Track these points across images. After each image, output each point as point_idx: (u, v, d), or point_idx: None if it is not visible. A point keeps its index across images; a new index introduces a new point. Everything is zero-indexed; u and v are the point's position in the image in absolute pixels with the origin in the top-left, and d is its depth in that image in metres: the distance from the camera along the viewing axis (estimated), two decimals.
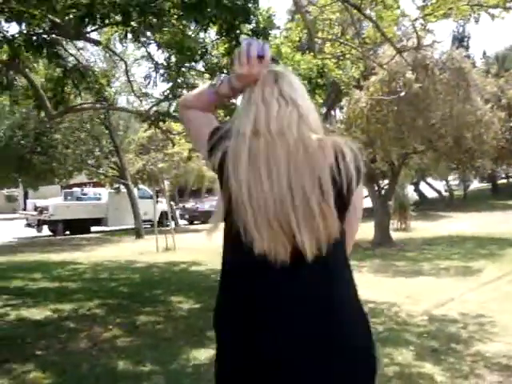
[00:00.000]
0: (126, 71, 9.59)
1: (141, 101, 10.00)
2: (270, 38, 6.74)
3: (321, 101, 7.65)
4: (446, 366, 4.19)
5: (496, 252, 11.36)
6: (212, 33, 6.98)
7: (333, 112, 20.63)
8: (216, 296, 1.50)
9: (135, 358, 4.36)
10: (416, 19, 5.77)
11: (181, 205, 26.65)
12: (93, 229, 20.82)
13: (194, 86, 7.71)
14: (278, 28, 6.61)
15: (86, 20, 5.03)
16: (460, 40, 38.68)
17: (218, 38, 6.84)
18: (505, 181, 34.87)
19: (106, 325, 5.59)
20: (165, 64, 6.96)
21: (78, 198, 21.18)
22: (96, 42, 7.28)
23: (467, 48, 39.27)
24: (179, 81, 7.20)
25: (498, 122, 12.68)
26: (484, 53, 40.94)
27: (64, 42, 8.31)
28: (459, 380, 3.87)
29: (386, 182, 15.29)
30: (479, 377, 3.94)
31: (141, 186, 21.07)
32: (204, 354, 4.47)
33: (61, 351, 4.66)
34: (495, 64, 31.35)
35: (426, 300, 6.74)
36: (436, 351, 4.60)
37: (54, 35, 6.27)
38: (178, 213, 23.71)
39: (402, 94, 9.82)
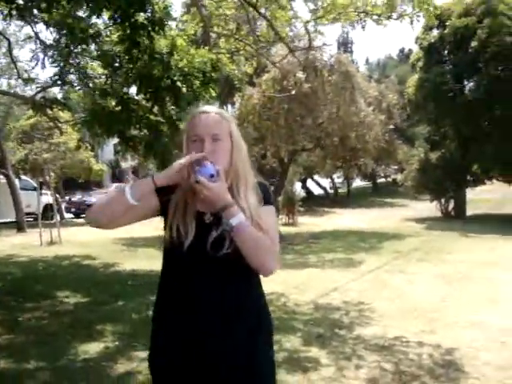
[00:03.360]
0: (10, 51, 8.93)
1: (26, 85, 9.39)
2: (165, 29, 6.66)
3: (214, 94, 7.71)
4: (331, 349, 4.46)
5: (375, 245, 12.22)
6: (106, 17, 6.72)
7: (225, 107, 20.82)
8: None
9: (18, 356, 4.13)
10: (308, 21, 6.04)
11: (67, 197, 25.40)
12: None
13: (85, 71, 7.42)
14: (175, 19, 6.55)
15: None
16: (344, 45, 40.86)
17: (111, 24, 6.62)
18: (383, 180, 37.42)
19: None
20: (54, 45, 6.60)
21: None
22: None
23: (351, 53, 41.61)
24: (71, 62, 6.86)
25: (379, 125, 13.62)
26: (367, 59, 43.61)
27: None
28: (343, 361, 4.15)
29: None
30: (360, 358, 4.24)
31: (23, 177, 19.78)
32: (93, 348, 4.36)
33: None
34: (377, 70, 33.51)
35: (312, 290, 7.09)
36: (321, 337, 4.87)
37: None
38: (63, 206, 22.57)
39: (293, 92, 10.20)
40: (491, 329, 4.99)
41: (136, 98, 7.47)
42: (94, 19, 7.04)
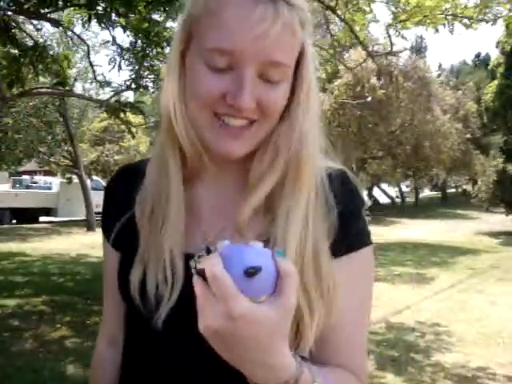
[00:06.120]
0: (88, 55, 9.15)
1: (102, 88, 9.62)
2: None
3: None
4: (408, 376, 4.15)
5: (447, 260, 11.61)
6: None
7: None
8: None
9: (86, 361, 4.08)
10: (391, 24, 5.74)
11: None
12: (42, 219, 20.05)
13: (158, 74, 7.48)
14: None
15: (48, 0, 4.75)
16: (418, 51, 39.69)
17: None
18: (454, 190, 36.01)
19: (54, 323, 5.28)
20: (130, 48, 6.68)
21: (28, 187, 20.35)
22: (57, 23, 6.87)
23: (424, 59, 40.34)
24: (145, 65, 6.93)
25: (455, 134, 12.99)
26: (440, 65, 42.14)
27: (21, 21, 7.88)
28: None
29: None
30: None
31: (94, 178, 20.46)
32: None
33: (4, 352, 4.34)
34: (451, 76, 32.30)
35: (383, 307, 6.72)
36: (396, 361, 4.55)
37: (10, 12, 5.91)
38: None
39: (369, 99, 9.83)
40: None
41: None
42: (169, 23, 7.14)
